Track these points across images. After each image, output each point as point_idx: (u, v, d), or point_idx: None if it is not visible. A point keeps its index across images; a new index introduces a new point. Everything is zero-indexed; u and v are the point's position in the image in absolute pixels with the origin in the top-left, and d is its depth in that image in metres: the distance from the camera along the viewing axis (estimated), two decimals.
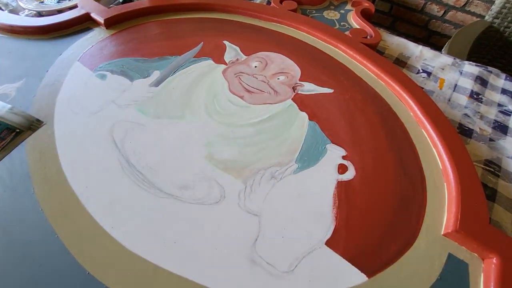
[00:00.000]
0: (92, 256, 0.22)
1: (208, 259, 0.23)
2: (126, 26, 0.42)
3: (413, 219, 0.27)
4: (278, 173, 0.29)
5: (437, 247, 0.25)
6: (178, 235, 0.24)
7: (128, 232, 0.24)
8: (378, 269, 0.24)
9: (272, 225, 0.25)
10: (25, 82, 0.33)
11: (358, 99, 0.37)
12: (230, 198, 0.26)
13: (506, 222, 0.29)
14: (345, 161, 0.30)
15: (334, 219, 0.26)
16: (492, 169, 0.33)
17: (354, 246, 0.25)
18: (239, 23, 0.45)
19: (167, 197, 0.26)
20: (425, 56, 0.46)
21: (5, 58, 0.36)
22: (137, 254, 0.23)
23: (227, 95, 0.35)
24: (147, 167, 0.28)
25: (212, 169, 0.28)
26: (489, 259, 0.24)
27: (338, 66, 0.41)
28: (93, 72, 0.35)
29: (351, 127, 0.33)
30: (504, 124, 0.38)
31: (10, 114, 0.29)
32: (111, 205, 0.25)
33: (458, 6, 0.94)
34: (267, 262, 0.23)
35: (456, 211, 0.27)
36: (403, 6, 1.03)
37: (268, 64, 0.39)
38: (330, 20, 0.50)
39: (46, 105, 0.31)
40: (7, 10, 0.45)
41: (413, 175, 0.30)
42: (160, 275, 0.22)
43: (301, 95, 0.36)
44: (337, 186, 0.28)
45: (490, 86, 0.43)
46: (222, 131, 0.32)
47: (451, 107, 0.40)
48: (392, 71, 0.39)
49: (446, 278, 0.24)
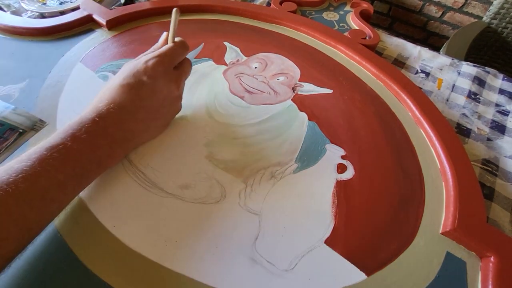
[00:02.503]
0: (95, 255, 0.22)
1: (209, 258, 0.23)
2: (128, 28, 0.42)
3: (412, 218, 0.27)
4: (278, 173, 0.29)
5: (435, 245, 0.26)
6: (180, 234, 0.24)
7: (130, 231, 0.24)
8: (377, 267, 0.24)
9: (272, 224, 0.25)
10: (28, 83, 0.33)
11: (357, 99, 0.37)
12: (231, 198, 0.27)
13: (504, 221, 0.29)
14: (344, 160, 0.31)
15: (333, 218, 0.26)
16: (490, 168, 0.33)
17: (353, 245, 0.25)
18: (239, 24, 0.46)
19: (168, 196, 0.26)
20: (423, 57, 0.47)
21: (9, 59, 0.36)
22: (139, 253, 0.23)
23: (228, 95, 0.35)
24: (148, 166, 0.28)
25: (213, 169, 0.28)
26: (486, 258, 0.25)
27: (337, 67, 0.41)
28: (95, 73, 0.36)
29: (350, 127, 0.34)
30: (501, 124, 0.39)
31: (13, 115, 0.30)
32: (113, 204, 0.25)
33: (456, 7, 0.95)
34: (267, 260, 0.23)
35: (454, 210, 0.27)
36: (401, 7, 1.04)
37: (268, 65, 0.40)
38: (330, 21, 0.51)
39: (49, 105, 0.32)
40: (10, 11, 0.46)
41: (412, 174, 0.30)
42: (162, 273, 0.22)
43: (300, 95, 0.37)
44: (336, 186, 0.28)
45: (487, 86, 0.43)
46: (222, 131, 0.32)
47: (449, 107, 0.40)
48: (391, 72, 0.39)
49: (444, 276, 0.24)
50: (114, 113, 0.22)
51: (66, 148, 0.19)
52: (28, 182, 0.17)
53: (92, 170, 0.21)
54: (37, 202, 0.17)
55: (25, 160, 0.18)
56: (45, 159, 0.18)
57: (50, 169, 0.18)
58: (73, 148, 0.19)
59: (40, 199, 0.17)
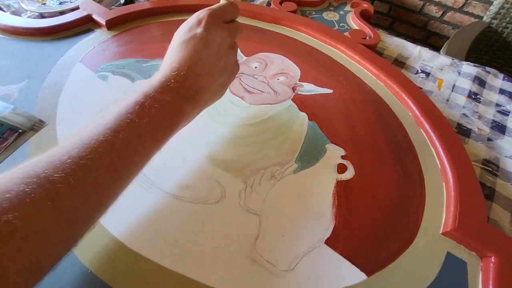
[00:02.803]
0: (94, 255, 0.22)
1: (208, 258, 0.23)
2: (128, 28, 0.42)
3: (412, 218, 0.27)
4: (278, 173, 0.29)
5: (435, 246, 0.26)
6: (179, 234, 0.24)
7: (130, 231, 0.24)
8: (377, 268, 0.24)
9: (272, 224, 0.25)
10: (28, 83, 0.33)
11: (357, 99, 0.37)
12: (231, 198, 0.27)
13: (504, 221, 0.29)
14: (344, 160, 0.31)
15: (333, 218, 0.26)
16: (490, 168, 0.33)
17: (354, 245, 0.25)
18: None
19: (168, 196, 0.26)
20: (423, 57, 0.47)
21: (8, 59, 0.36)
22: (139, 253, 0.23)
23: (228, 95, 0.35)
24: (148, 167, 0.28)
25: (213, 169, 0.28)
26: (487, 258, 0.25)
27: (337, 67, 0.41)
28: (94, 73, 0.36)
29: (350, 127, 0.34)
30: (502, 124, 0.39)
31: (12, 115, 0.30)
32: (113, 204, 0.25)
33: (457, 7, 0.95)
34: (267, 260, 0.23)
35: (454, 210, 0.27)
36: (402, 7, 1.04)
37: (268, 64, 0.40)
38: (330, 21, 0.51)
39: (48, 105, 0.32)
40: (9, 11, 0.46)
41: (412, 175, 0.30)
42: (161, 273, 0.22)
43: (300, 95, 0.37)
44: (336, 186, 0.28)
45: (488, 86, 0.43)
46: (222, 131, 0.32)
47: (450, 107, 0.40)
48: (391, 72, 0.39)
49: (444, 276, 0.24)
50: (176, 71, 0.23)
51: (138, 103, 0.21)
52: (113, 133, 0.19)
53: (165, 126, 0.23)
54: (122, 152, 0.19)
55: (107, 115, 0.21)
56: (123, 114, 0.20)
57: (129, 122, 0.20)
58: (145, 104, 0.21)
59: (125, 149, 0.19)
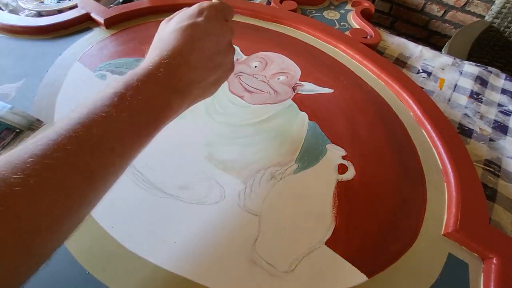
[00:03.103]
0: (92, 256, 0.22)
1: (208, 259, 0.23)
2: (126, 26, 0.42)
3: (413, 219, 0.27)
4: (278, 173, 0.29)
5: (437, 247, 0.25)
6: (178, 235, 0.24)
7: (128, 232, 0.24)
8: (378, 269, 0.24)
9: (272, 225, 0.25)
10: (25, 82, 0.33)
11: (358, 99, 0.37)
12: (230, 198, 0.26)
13: (506, 222, 0.29)
14: (345, 161, 0.30)
15: (334, 219, 0.26)
16: (492, 169, 0.33)
17: (354, 246, 0.25)
18: (239, 23, 0.45)
19: (167, 197, 0.26)
20: (425, 56, 0.46)
21: (5, 58, 0.36)
22: (137, 254, 0.23)
23: (227, 95, 0.35)
24: (146, 167, 0.28)
25: (212, 169, 0.28)
26: (489, 259, 0.24)
27: (338, 66, 0.41)
28: (93, 72, 0.35)
29: (351, 127, 0.33)
30: (504, 124, 0.38)
31: (10, 114, 0.29)
32: (111, 204, 0.25)
33: (458, 6, 0.94)
34: (267, 262, 0.23)
35: (456, 211, 0.27)
36: (403, 6, 1.03)
37: (268, 64, 0.39)
38: (330, 20, 0.51)
39: (46, 105, 0.31)
40: (7, 10, 0.45)
41: (413, 175, 0.30)
42: (160, 275, 0.22)
43: (301, 95, 0.36)
44: (337, 186, 0.28)
45: (490, 86, 0.43)
46: (222, 131, 0.32)
47: (451, 107, 0.40)
48: (392, 71, 0.39)
49: (446, 278, 0.24)
50: (166, 59, 0.20)
51: (117, 94, 0.18)
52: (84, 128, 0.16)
53: (149, 122, 0.19)
54: (96, 151, 0.16)
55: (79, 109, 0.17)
56: (98, 107, 0.17)
57: (105, 116, 0.17)
58: (126, 95, 0.18)
59: (99, 147, 0.16)
